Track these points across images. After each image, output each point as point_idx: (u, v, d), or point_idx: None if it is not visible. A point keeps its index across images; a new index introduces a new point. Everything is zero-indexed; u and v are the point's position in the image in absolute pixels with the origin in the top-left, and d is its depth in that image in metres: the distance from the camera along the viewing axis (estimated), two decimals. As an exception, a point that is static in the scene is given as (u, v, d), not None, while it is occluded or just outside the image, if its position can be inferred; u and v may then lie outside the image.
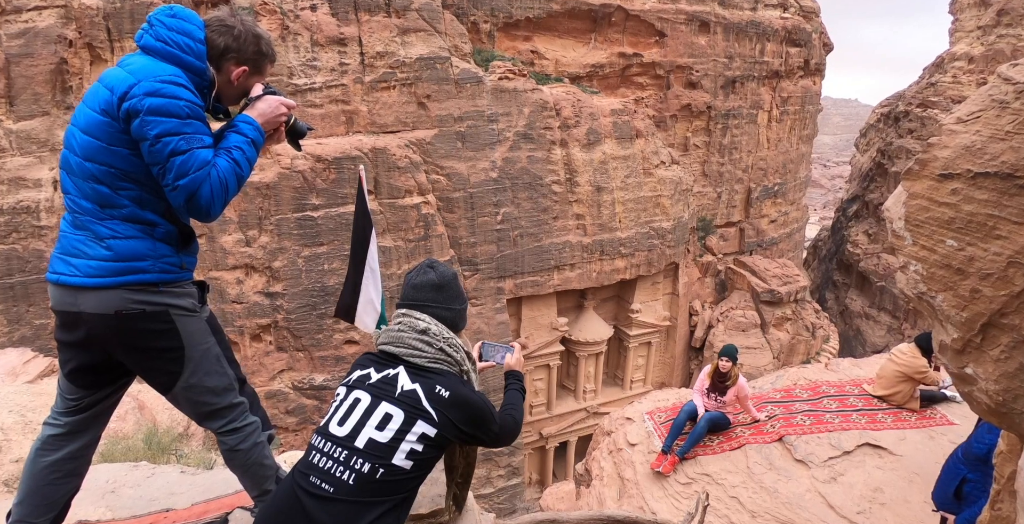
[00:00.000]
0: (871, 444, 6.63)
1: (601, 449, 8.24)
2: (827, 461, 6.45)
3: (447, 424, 2.25)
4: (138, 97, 2.28)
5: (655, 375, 35.49)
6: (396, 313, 2.47)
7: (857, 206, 48.03)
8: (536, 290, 29.51)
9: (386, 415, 2.22)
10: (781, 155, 39.13)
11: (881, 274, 42.48)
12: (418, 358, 2.33)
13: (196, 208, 2.39)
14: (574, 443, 33.51)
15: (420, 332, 2.36)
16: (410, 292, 2.47)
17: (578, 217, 29.53)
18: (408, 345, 2.35)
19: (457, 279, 2.54)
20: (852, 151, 62.03)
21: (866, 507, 5.80)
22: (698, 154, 36.16)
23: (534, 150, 27.91)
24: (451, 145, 26.50)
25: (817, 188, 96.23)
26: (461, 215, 27.22)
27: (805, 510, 5.91)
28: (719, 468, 6.79)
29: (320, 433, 2.29)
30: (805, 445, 6.75)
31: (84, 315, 2.46)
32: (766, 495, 6.20)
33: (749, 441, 7.08)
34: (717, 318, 35.59)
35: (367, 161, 24.75)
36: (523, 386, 2.91)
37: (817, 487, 6.14)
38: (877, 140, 48.85)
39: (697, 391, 7.53)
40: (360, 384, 2.33)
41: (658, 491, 6.80)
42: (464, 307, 2.55)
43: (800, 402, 7.70)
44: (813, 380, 8.29)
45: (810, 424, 7.15)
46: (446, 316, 2.44)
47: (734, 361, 7.18)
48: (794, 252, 44.49)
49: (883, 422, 7.00)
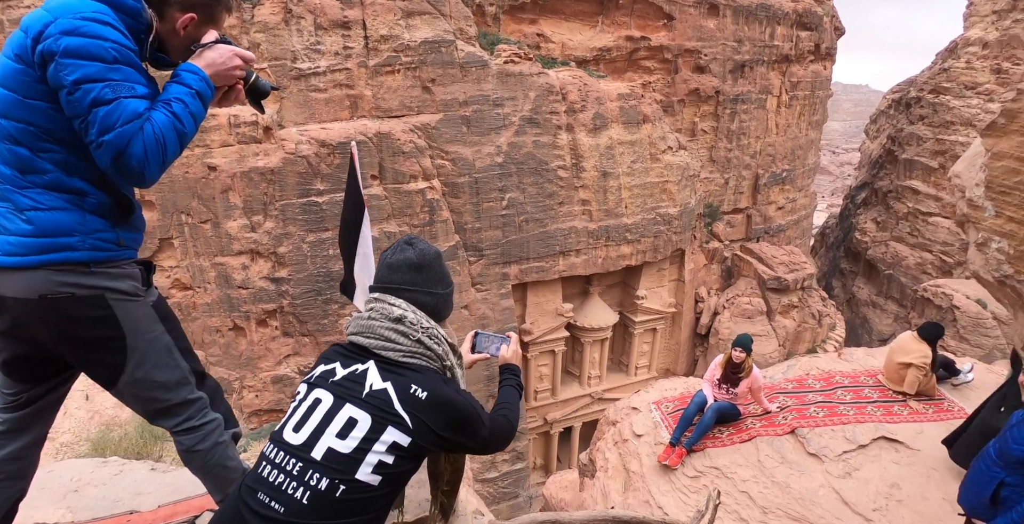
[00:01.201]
0: (887, 438, 6.41)
1: (606, 439, 8.05)
2: (841, 455, 6.24)
3: (424, 431, 1.92)
4: (53, 36, 1.90)
5: (660, 362, 35.49)
6: (368, 298, 2.16)
7: (866, 193, 47.56)
8: (541, 276, 29.48)
9: (350, 420, 1.88)
10: (790, 141, 38.73)
11: (889, 262, 42.15)
12: (391, 351, 2.02)
13: (126, 169, 1.97)
14: (579, 428, 33.66)
15: (394, 320, 2.04)
16: (384, 273, 2.15)
17: (584, 203, 29.41)
18: (380, 336, 2.03)
19: (440, 259, 2.22)
20: (862, 138, 61.37)
21: (882, 504, 5.60)
22: (705, 139, 35.85)
23: (540, 135, 27.75)
24: (456, 130, 26.39)
25: (825, 175, 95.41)
26: (466, 200, 27.16)
27: (819, 506, 5.70)
28: (729, 461, 6.58)
29: (273, 440, 1.96)
30: (818, 438, 6.53)
31: (6, 299, 2.10)
32: (778, 490, 6.00)
33: (760, 433, 6.85)
34: (723, 305, 35.46)
35: (371, 146, 24.69)
36: (520, 382, 2.58)
37: (831, 482, 5.92)
38: (888, 126, 48.26)
39: (707, 381, 7.28)
40: (323, 381, 2.01)
41: (665, 484, 6.61)
42: (448, 292, 2.23)
43: (813, 393, 7.46)
44: (826, 370, 8.02)
45: (823, 416, 6.91)
46: (426, 302, 2.13)
47: (748, 352, 6.89)
48: (801, 239, 44.19)
49: (899, 415, 6.76)
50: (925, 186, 40.09)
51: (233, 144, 23.38)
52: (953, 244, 38.22)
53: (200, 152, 22.98)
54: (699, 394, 7.18)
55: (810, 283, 37.00)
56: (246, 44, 23.88)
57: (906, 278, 40.52)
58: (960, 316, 33.31)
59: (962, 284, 34.84)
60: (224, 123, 23.04)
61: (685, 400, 8.06)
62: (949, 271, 38.03)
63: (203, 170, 23.05)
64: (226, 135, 23.22)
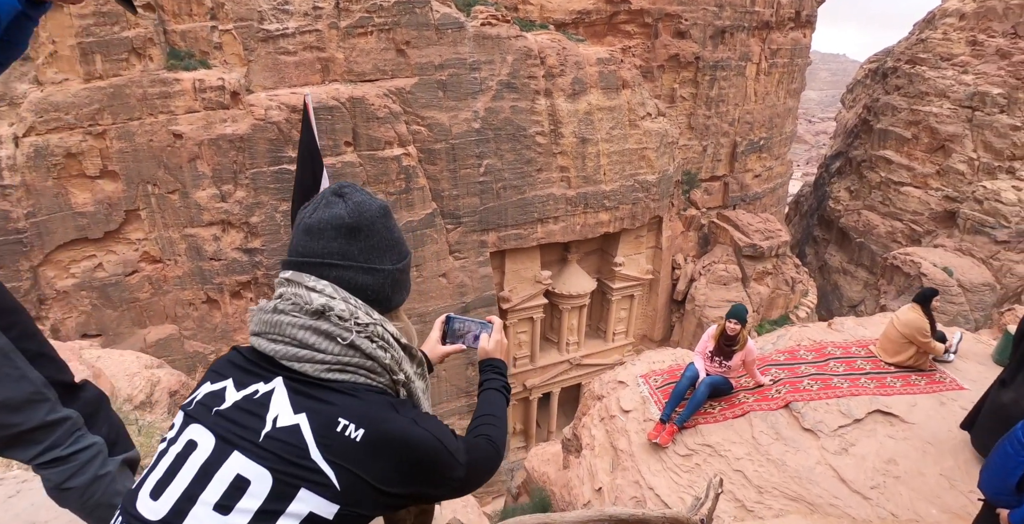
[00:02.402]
0: (882, 411, 6.25)
1: (591, 415, 7.69)
2: (837, 430, 6.05)
3: (359, 491, 1.28)
4: None
5: (637, 328, 35.82)
6: (278, 280, 1.50)
7: (840, 162, 47.86)
8: (520, 243, 29.26)
9: (237, 480, 1.24)
10: (768, 109, 38.60)
11: (860, 231, 42.68)
12: (309, 363, 1.37)
13: None
14: (557, 394, 34.03)
15: (314, 315, 1.39)
16: (301, 240, 1.48)
17: (562, 169, 29.06)
18: (291, 339, 1.38)
19: (388, 217, 1.55)
20: (838, 107, 61.54)
21: (880, 481, 5.46)
22: (684, 106, 35.53)
23: (517, 100, 27.17)
24: (432, 94, 25.69)
25: (801, 144, 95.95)
26: (443, 167, 26.63)
27: (816, 485, 5.52)
28: (721, 438, 6.32)
29: (123, 511, 1.32)
30: (813, 412, 6.32)
31: None
32: (773, 468, 5.78)
33: (753, 408, 6.60)
34: (699, 272, 35.72)
35: (344, 111, 23.93)
36: (507, 383, 1.98)
37: (828, 459, 5.74)
38: (864, 96, 48.33)
39: (699, 354, 6.96)
40: (203, 412, 1.35)
41: (655, 464, 6.31)
42: (401, 267, 1.56)
43: (806, 364, 7.26)
44: (818, 341, 7.82)
45: (817, 389, 6.71)
46: (366, 283, 1.48)
47: (743, 323, 6.56)
48: (777, 207, 44.50)
49: (892, 386, 6.62)
50: (898, 156, 40.42)
51: (199, 110, 22.46)
52: (923, 213, 38.78)
53: (164, 119, 22.06)
54: (690, 368, 6.87)
55: (784, 250, 37.38)
56: (209, 3, 22.78)
57: (876, 246, 41.14)
58: (927, 283, 33.94)
59: (929, 252, 35.52)
60: (189, 88, 22.09)
61: (674, 373, 7.87)
62: (918, 240, 38.68)
63: (168, 138, 22.16)
64: (191, 101, 22.28)
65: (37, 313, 22.01)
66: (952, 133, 37.16)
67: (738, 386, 7.05)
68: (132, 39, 21.28)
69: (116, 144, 21.63)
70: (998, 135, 35.53)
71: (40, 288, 22.09)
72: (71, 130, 21.10)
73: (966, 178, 36.79)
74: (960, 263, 34.78)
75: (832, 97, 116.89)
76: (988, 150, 36.09)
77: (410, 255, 1.64)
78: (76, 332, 22.55)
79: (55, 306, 22.43)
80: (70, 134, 21.11)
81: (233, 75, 22.97)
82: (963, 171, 36.85)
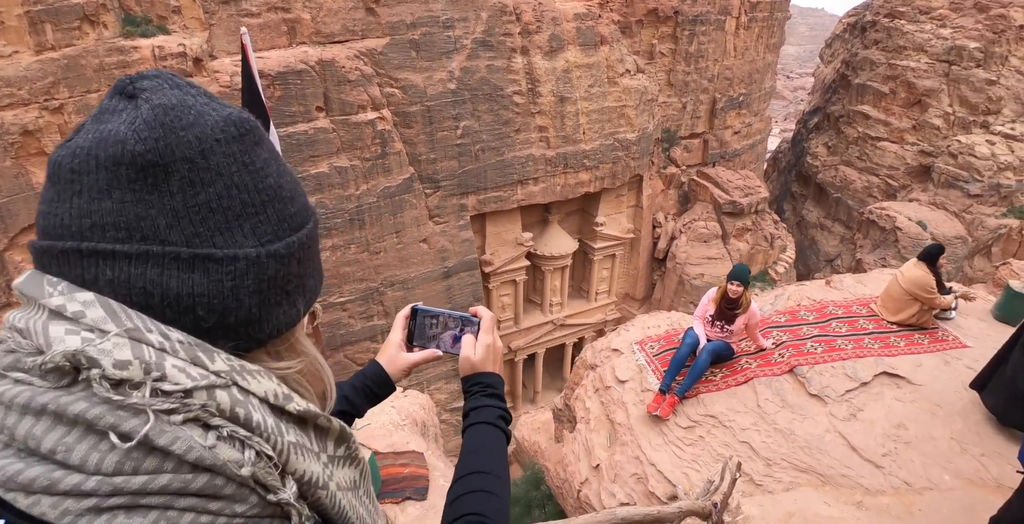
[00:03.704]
0: (888, 373, 6.05)
1: (585, 386, 7.33)
2: (844, 395, 5.81)
3: None
4: None
5: (619, 287, 35.99)
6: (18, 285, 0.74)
7: (818, 118, 47.73)
8: (500, 205, 28.87)
9: None
10: (747, 64, 38.09)
11: (838, 186, 42.88)
12: (49, 496, 0.61)
13: None
14: (542, 354, 34.28)
15: (55, 378, 0.65)
16: (45, 198, 0.74)
17: (541, 129, 28.51)
18: (6, 440, 0.64)
19: (244, 142, 0.77)
20: (816, 62, 61.06)
21: (891, 448, 5.30)
22: (664, 62, 34.89)
23: (494, 59, 26.37)
24: (404, 55, 24.78)
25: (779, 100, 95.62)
26: (419, 130, 25.92)
27: (826, 455, 5.33)
28: (725, 407, 6.03)
29: None
30: (819, 377, 6.09)
31: None
32: (781, 438, 5.54)
33: (757, 374, 6.34)
34: (680, 229, 35.78)
35: (314, 75, 23.00)
36: (506, 411, 1.35)
37: (836, 426, 5.53)
38: (842, 51, 47.88)
39: (698, 318, 6.62)
40: None
41: (656, 438, 6.00)
42: (282, 250, 0.79)
43: (808, 326, 7.03)
44: (817, 300, 7.57)
45: (822, 352, 6.49)
46: (190, 291, 0.71)
47: (746, 284, 6.22)
48: (756, 164, 44.44)
49: (896, 346, 6.44)
50: (875, 111, 40.36)
51: (161, 77, 21.37)
52: (899, 168, 39.00)
53: None
54: (689, 333, 6.56)
55: (764, 207, 37.53)
56: (167, -43, 21.49)
57: (853, 201, 41.44)
58: (901, 237, 34.46)
59: (904, 206, 35.88)
60: (148, 56, 20.98)
61: (671, 339, 7.70)
62: (893, 194, 39.01)
63: None
64: (152, 68, 21.18)
65: (7, 299, 21.33)
66: (929, 87, 37.11)
67: (739, 350, 6.77)
68: (83, 5, 20.05)
69: (75, 119, 20.60)
70: (974, 90, 35.57)
71: (8, 273, 21.33)
72: (26, 106, 20.01)
73: (941, 133, 36.96)
74: (934, 217, 35.21)
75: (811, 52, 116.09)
76: (964, 105, 36.17)
77: (311, 223, 0.86)
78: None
79: (24, 287, 21.66)
80: (25, 110, 20.03)
81: (194, 40, 21.86)
82: (939, 126, 36.98)
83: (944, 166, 35.61)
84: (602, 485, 6.09)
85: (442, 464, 6.21)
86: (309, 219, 0.86)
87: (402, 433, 7.12)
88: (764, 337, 6.94)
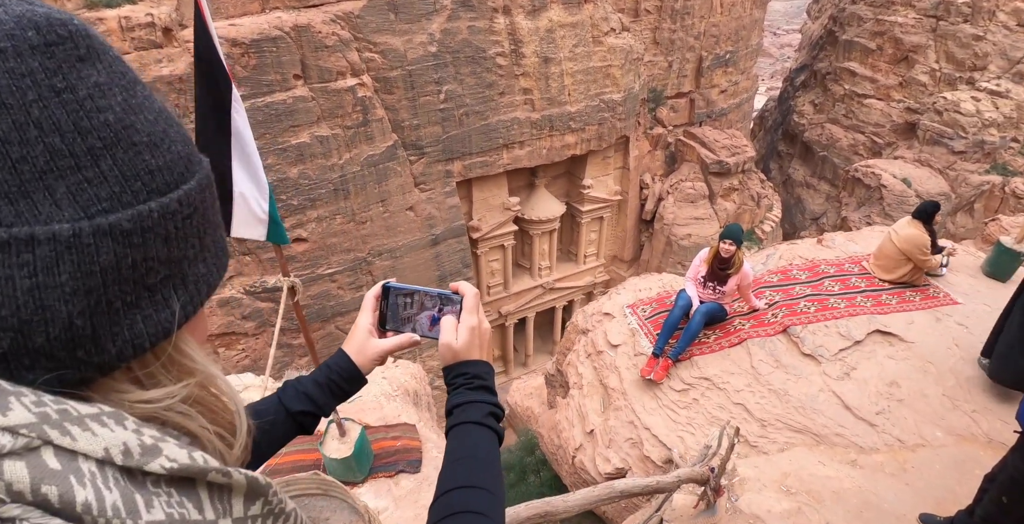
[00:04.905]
0: (880, 331, 6.05)
1: (577, 351, 7.29)
2: (837, 354, 5.82)
3: None
4: None
5: (607, 249, 36.04)
6: None
7: (805, 76, 47.25)
8: (486, 171, 28.54)
9: None
10: (734, 21, 37.42)
11: (824, 144, 42.75)
12: None
13: None
14: (532, 318, 34.47)
15: None
16: None
17: (525, 91, 27.99)
18: None
19: (78, 43, 0.52)
20: (803, 18, 60.14)
21: (884, 406, 5.33)
22: (649, 20, 34.19)
23: (475, 19, 25.66)
24: (383, 17, 24.03)
25: (766, 57, 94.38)
26: (401, 96, 25.33)
27: (820, 414, 5.36)
28: (719, 369, 6.02)
29: None
30: (812, 336, 6.08)
31: None
32: (775, 399, 5.55)
33: (750, 335, 6.31)
34: (667, 190, 35.67)
35: (290, 41, 22.28)
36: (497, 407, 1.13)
37: (830, 385, 5.54)
38: (830, 6, 47.12)
39: (691, 279, 6.54)
40: None
41: (650, 402, 5.99)
42: (153, 222, 0.54)
43: (800, 285, 7.00)
44: (809, 259, 7.53)
45: (815, 311, 6.46)
46: None
47: (739, 244, 6.13)
48: (743, 123, 44.14)
49: (888, 304, 6.44)
50: (862, 68, 39.99)
51: (130, 51, 20.61)
52: (884, 125, 38.87)
53: None
54: (682, 296, 6.51)
55: (750, 166, 37.41)
56: (130, -85, 20.51)
57: (839, 159, 41.40)
58: (887, 194, 34.58)
59: (889, 164, 35.91)
60: (115, 28, 20.18)
61: (663, 301, 7.66)
62: (879, 152, 38.98)
63: None
64: (119, 42, 20.39)
65: None
66: (916, 43, 36.74)
67: (732, 311, 6.74)
68: (43, -30, 19.16)
69: (43, 91, 19.90)
70: (960, 45, 35.25)
71: None
72: None
73: (927, 89, 36.76)
74: (918, 174, 35.29)
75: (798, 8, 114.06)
76: (950, 61, 35.89)
77: (194, 182, 0.61)
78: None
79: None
80: None
81: (163, 9, 21.03)
82: (925, 82, 36.75)
83: (929, 123, 35.52)
84: (596, 451, 6.11)
85: (434, 435, 6.18)
86: (190, 176, 0.60)
87: (394, 404, 7.08)
88: (757, 297, 6.89)
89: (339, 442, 5.24)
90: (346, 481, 5.39)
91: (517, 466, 8.44)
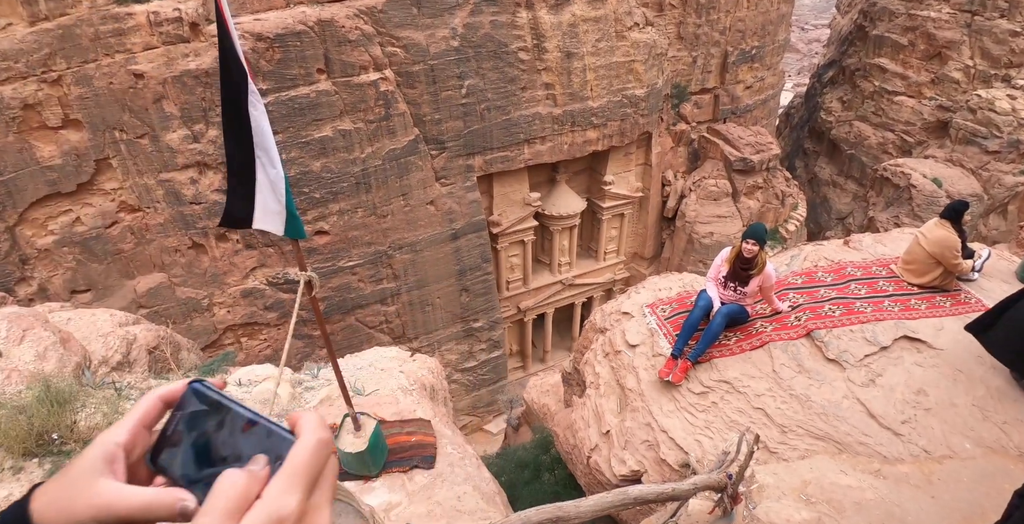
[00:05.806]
0: (908, 337, 5.82)
1: (595, 350, 7.14)
2: (863, 359, 5.58)
3: None
4: None
5: (628, 246, 35.80)
6: None
7: (833, 72, 46.39)
8: (507, 166, 28.44)
9: None
10: (760, 15, 36.81)
11: (852, 142, 41.98)
12: None
13: None
14: (551, 314, 34.41)
15: None
16: None
17: (547, 86, 27.81)
18: None
19: None
20: (832, 13, 59.07)
21: (911, 415, 5.13)
22: (673, 14, 33.76)
23: (497, 14, 25.53)
24: (405, 12, 24.00)
25: (793, 53, 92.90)
26: (423, 90, 25.32)
27: (844, 422, 5.16)
28: (740, 373, 5.83)
29: None
30: (837, 341, 5.84)
31: None
32: (797, 405, 5.36)
33: (772, 338, 6.09)
34: (689, 188, 35.30)
35: (313, 36, 22.36)
36: None
37: (855, 392, 5.32)
38: (860, 0, 46.21)
39: (712, 279, 6.36)
40: None
41: (668, 404, 5.83)
42: None
43: (825, 287, 6.75)
44: (835, 260, 7.26)
45: (840, 315, 6.21)
46: None
47: (762, 244, 5.95)
48: (768, 119, 43.49)
49: (917, 309, 6.19)
50: (893, 64, 39.14)
51: (158, 46, 20.87)
52: (915, 124, 38.03)
53: (122, 58, 20.51)
54: (702, 296, 6.35)
55: (775, 164, 36.88)
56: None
57: (867, 157, 40.63)
58: (916, 195, 33.84)
59: (919, 163, 35.11)
60: (144, 22, 20.42)
61: (683, 301, 7.51)
62: (909, 151, 38.16)
63: (129, 79, 20.70)
64: (148, 36, 20.66)
65: (21, 274, 21.46)
66: (950, 39, 35.84)
67: (754, 313, 6.55)
68: (75, -28, 19.52)
69: (75, 90, 20.25)
70: (996, 41, 34.31)
71: (20, 248, 21.40)
72: (24, 79, 19.67)
73: (961, 87, 35.86)
74: (950, 174, 34.47)
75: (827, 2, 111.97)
76: (985, 57, 34.96)
77: None
78: (65, 289, 22.09)
79: (39, 265, 21.83)
80: (23, 84, 19.70)
81: (190, 4, 21.22)
82: (958, 80, 35.86)
83: (962, 121, 34.65)
84: (612, 452, 6.01)
85: (449, 431, 6.14)
86: None
87: (410, 399, 7.05)
88: (780, 299, 6.70)
89: (354, 436, 5.22)
90: (360, 475, 5.38)
91: (532, 464, 8.38)
